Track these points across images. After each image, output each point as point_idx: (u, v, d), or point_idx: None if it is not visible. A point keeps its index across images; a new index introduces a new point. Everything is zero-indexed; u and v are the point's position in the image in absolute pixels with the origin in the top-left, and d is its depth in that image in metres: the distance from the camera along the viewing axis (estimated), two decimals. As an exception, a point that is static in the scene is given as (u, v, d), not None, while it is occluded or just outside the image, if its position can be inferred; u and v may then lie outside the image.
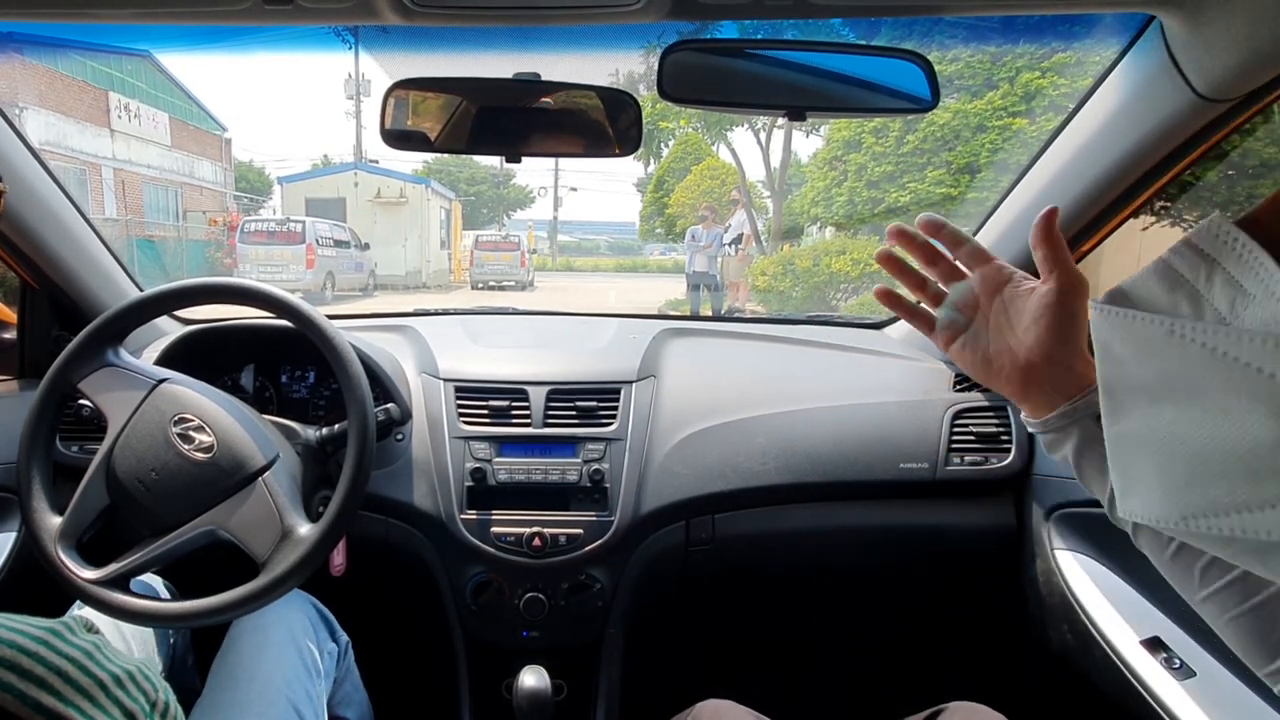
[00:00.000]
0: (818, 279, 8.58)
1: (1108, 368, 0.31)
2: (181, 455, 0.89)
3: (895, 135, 10.60)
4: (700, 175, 14.83)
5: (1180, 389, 0.27)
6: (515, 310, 1.71)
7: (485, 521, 1.12)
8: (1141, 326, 0.29)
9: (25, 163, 1.10)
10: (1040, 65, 9.65)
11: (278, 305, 0.96)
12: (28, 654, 0.47)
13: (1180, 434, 0.27)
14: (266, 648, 0.93)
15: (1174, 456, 0.28)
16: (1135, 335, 0.29)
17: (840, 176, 11.39)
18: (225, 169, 17.81)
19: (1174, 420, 0.28)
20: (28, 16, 0.83)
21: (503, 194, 27.66)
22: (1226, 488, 0.26)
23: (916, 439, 1.20)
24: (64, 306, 1.25)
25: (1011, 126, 9.71)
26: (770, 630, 1.51)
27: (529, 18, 0.77)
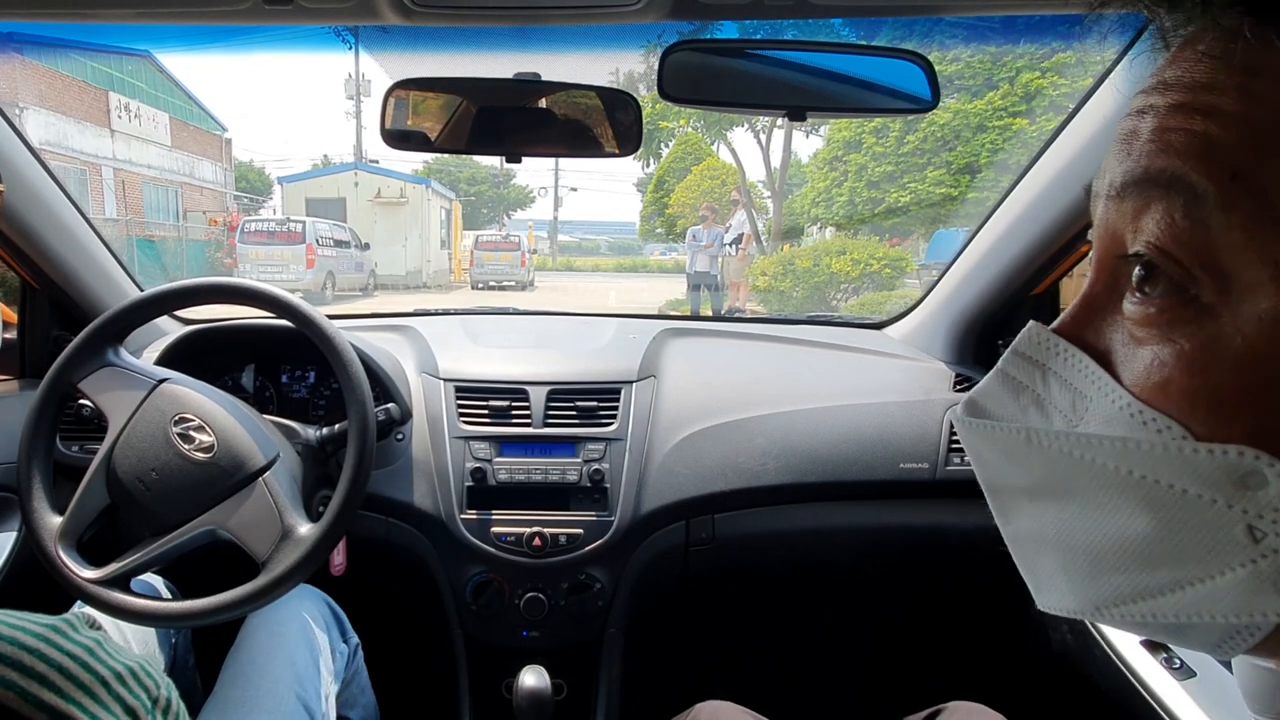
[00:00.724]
0: (818, 279, 8.58)
1: (983, 471, 0.32)
2: (182, 455, 0.89)
3: (895, 135, 10.61)
4: (700, 175, 14.84)
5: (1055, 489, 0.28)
6: (515, 310, 1.71)
7: (485, 521, 1.12)
8: (1001, 435, 0.30)
9: (25, 163, 1.10)
10: (1040, 65, 9.65)
11: (278, 305, 0.96)
12: (29, 650, 0.47)
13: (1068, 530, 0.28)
14: (280, 645, 0.93)
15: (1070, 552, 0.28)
16: (998, 443, 0.30)
17: (840, 177, 11.40)
18: (225, 169, 17.82)
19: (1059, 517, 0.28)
20: (28, 16, 0.83)
21: (503, 194, 27.67)
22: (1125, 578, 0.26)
23: (917, 439, 1.20)
24: (64, 306, 1.25)
25: (1012, 126, 9.72)
26: (770, 630, 1.51)
27: (529, 18, 0.77)
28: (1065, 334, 0.29)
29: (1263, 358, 0.23)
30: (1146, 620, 0.27)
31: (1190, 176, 0.24)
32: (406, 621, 1.41)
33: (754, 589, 1.41)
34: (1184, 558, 0.25)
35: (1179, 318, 0.25)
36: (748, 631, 1.51)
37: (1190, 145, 0.24)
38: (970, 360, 1.35)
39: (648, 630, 1.31)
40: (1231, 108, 0.24)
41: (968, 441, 0.32)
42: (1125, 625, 0.28)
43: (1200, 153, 0.24)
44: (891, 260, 8.52)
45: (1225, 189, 0.23)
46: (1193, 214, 0.24)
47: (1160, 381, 0.25)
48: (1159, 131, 0.26)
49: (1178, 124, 0.25)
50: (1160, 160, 0.25)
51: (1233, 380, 0.23)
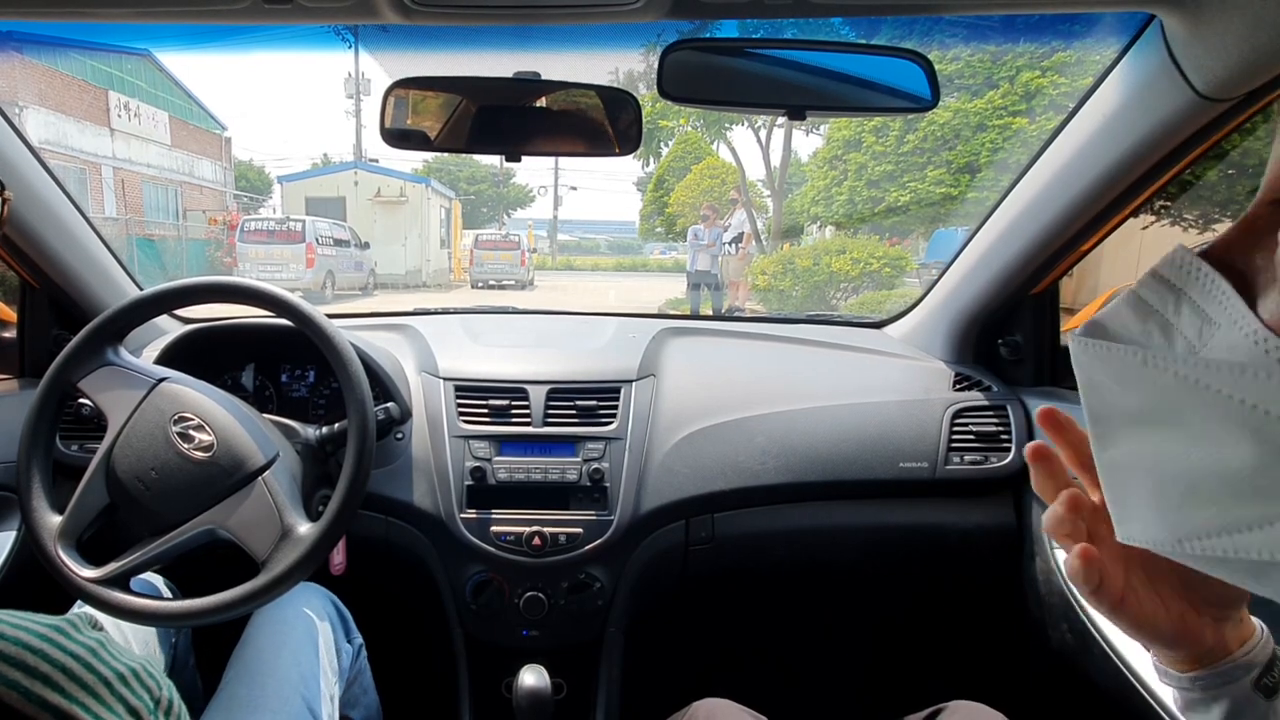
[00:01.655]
0: (818, 278, 8.58)
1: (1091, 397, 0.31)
2: (181, 454, 0.89)
3: (895, 134, 10.60)
4: (700, 174, 14.83)
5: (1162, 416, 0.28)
6: (515, 309, 1.71)
7: (485, 521, 1.12)
8: (1118, 357, 0.29)
9: (25, 162, 1.10)
10: (1040, 64, 9.64)
11: (278, 304, 0.96)
12: (33, 651, 0.47)
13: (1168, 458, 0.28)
14: (286, 644, 0.93)
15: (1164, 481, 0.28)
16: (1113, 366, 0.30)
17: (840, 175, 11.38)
18: (225, 168, 17.81)
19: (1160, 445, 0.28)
20: (28, 16, 0.83)
21: (503, 193, 27.65)
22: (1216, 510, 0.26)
23: (916, 438, 1.20)
24: (64, 306, 1.25)
25: (1012, 126, 9.71)
26: (770, 629, 1.51)
27: (529, 17, 0.77)
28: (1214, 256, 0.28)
29: None
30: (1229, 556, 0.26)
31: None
32: (406, 621, 1.41)
33: (754, 588, 1.41)
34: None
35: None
36: (747, 631, 1.51)
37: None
38: (970, 359, 1.35)
39: (648, 630, 1.31)
40: None
41: (1080, 363, 0.32)
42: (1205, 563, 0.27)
43: None
44: (891, 259, 8.51)
45: None
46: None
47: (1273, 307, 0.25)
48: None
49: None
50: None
51: None
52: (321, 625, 0.99)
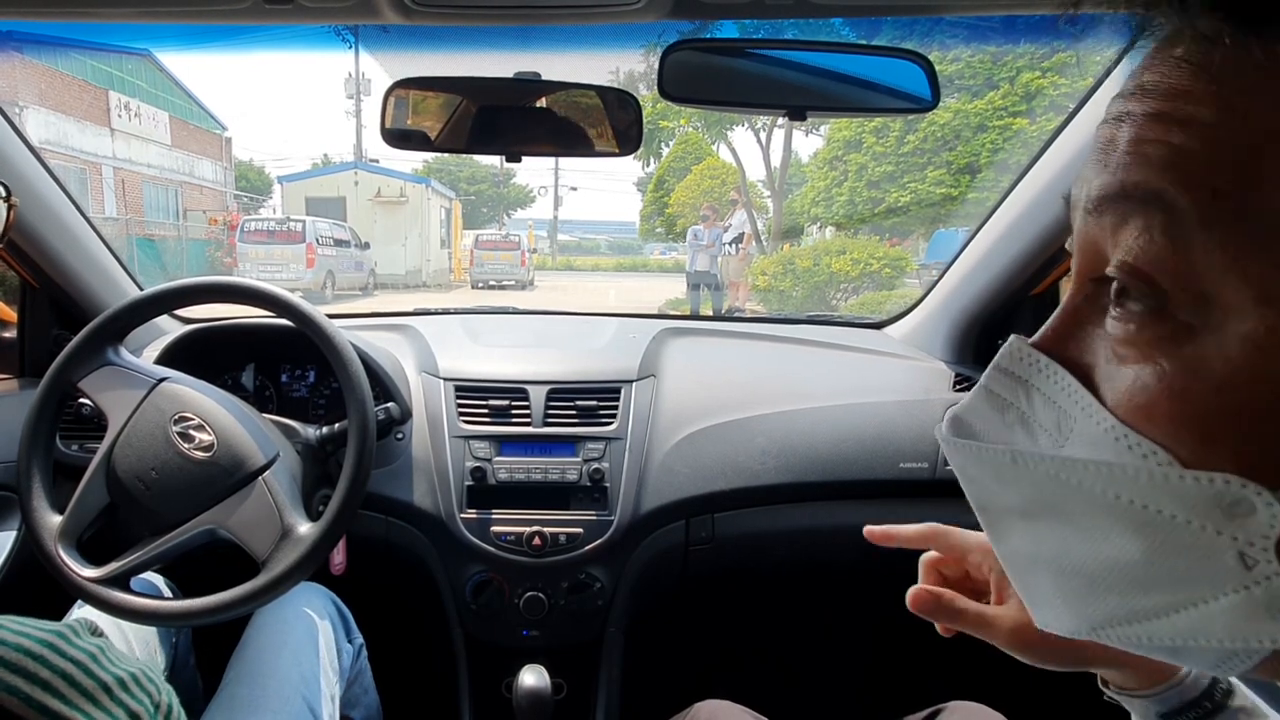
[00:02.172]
0: (818, 279, 8.58)
1: (973, 490, 0.31)
2: (181, 454, 0.89)
3: (896, 135, 10.61)
4: (700, 175, 14.85)
5: (1046, 511, 0.28)
6: (515, 310, 1.71)
7: (485, 521, 1.12)
8: (989, 457, 0.29)
9: (25, 162, 1.10)
10: (1041, 65, 9.66)
11: (278, 304, 0.96)
12: (33, 657, 0.47)
13: (1062, 551, 0.27)
14: (287, 644, 0.93)
15: (1064, 572, 0.28)
16: (986, 465, 0.29)
17: (840, 176, 11.40)
18: (225, 168, 17.82)
19: (1051, 538, 0.28)
20: (28, 15, 0.83)
21: (503, 193, 27.67)
22: (1121, 600, 0.26)
23: (916, 438, 1.20)
24: (64, 306, 1.25)
25: (1012, 126, 9.72)
26: (770, 629, 1.51)
27: (529, 17, 0.77)
28: (1047, 348, 0.28)
29: (1246, 381, 0.22)
30: (1143, 642, 0.26)
31: (1169, 193, 0.23)
32: (406, 621, 1.41)
33: (754, 589, 1.41)
34: (1177, 582, 0.24)
35: (1159, 336, 0.24)
36: (748, 631, 1.51)
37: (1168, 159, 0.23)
38: (970, 360, 1.35)
39: (648, 630, 1.31)
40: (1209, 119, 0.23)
41: (954, 461, 0.31)
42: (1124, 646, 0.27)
43: (1179, 167, 0.23)
44: (891, 260, 8.52)
45: (1205, 207, 0.22)
46: (1171, 232, 0.23)
47: (1143, 404, 0.24)
48: (1136, 143, 0.25)
49: (1155, 135, 0.24)
50: (1137, 174, 0.24)
51: (1217, 404, 0.23)
52: (322, 625, 0.99)
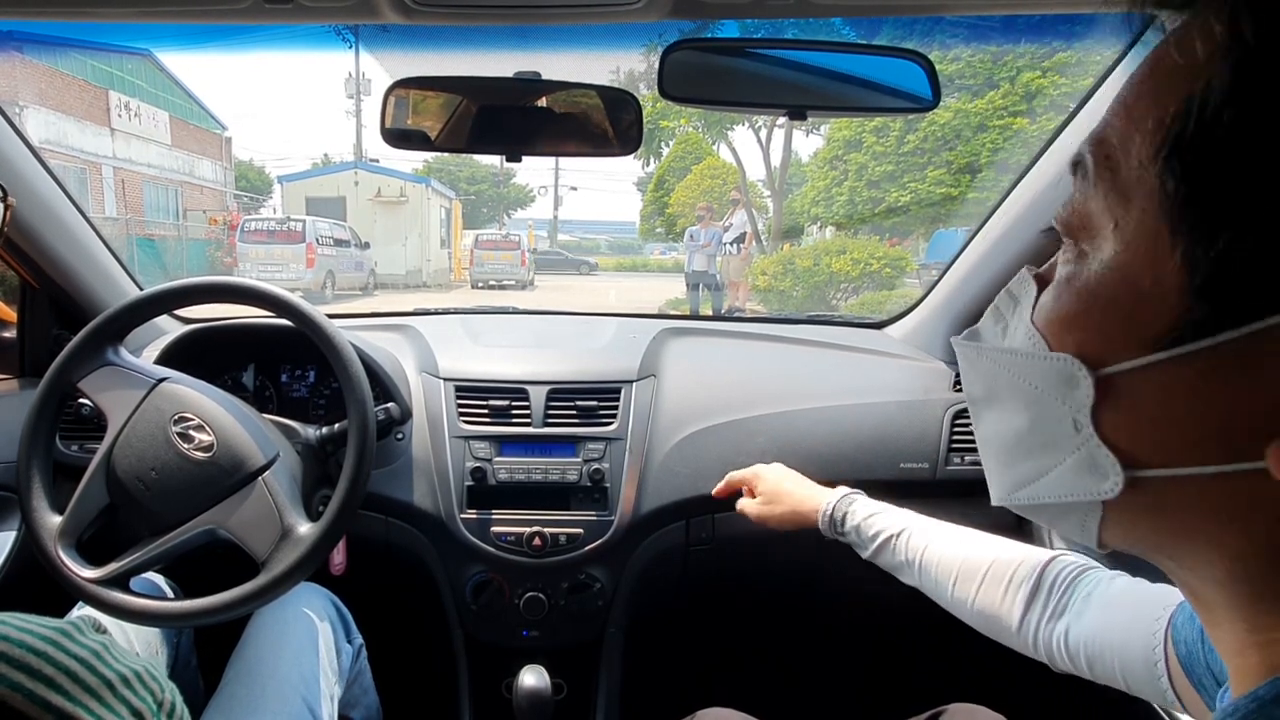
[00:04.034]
0: (818, 278, 8.58)
1: (966, 385, 0.39)
2: (181, 454, 0.89)
3: (896, 135, 10.60)
4: (700, 174, 14.85)
5: (991, 396, 0.36)
6: (515, 310, 1.71)
7: (485, 521, 1.12)
8: (965, 352, 0.37)
9: (25, 162, 1.10)
10: (1041, 65, 9.65)
11: (278, 304, 0.96)
12: (37, 653, 0.47)
13: (998, 430, 0.35)
14: (286, 644, 0.93)
15: (998, 449, 0.36)
16: (966, 360, 0.38)
17: (841, 176, 11.40)
18: (225, 168, 17.82)
19: (994, 420, 0.36)
20: (28, 15, 0.83)
21: (503, 193, 27.67)
22: (1021, 466, 0.34)
23: (917, 438, 1.20)
24: (64, 305, 1.25)
25: (1012, 126, 9.71)
26: (770, 630, 1.51)
27: (529, 16, 0.77)
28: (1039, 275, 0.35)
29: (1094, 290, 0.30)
30: (1035, 502, 0.34)
31: (1085, 158, 0.31)
32: (406, 621, 1.41)
33: (754, 589, 1.41)
34: (1046, 447, 0.32)
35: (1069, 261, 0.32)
36: (748, 631, 1.51)
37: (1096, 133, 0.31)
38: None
39: (648, 630, 1.31)
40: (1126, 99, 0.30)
41: (960, 360, 0.39)
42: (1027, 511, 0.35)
43: (1097, 138, 0.31)
44: (891, 260, 8.52)
45: (1100, 167, 0.30)
46: (1081, 186, 0.32)
47: (1043, 306, 0.33)
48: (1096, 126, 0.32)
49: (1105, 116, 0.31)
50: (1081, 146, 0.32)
51: (1073, 306, 0.31)
52: (321, 626, 0.99)
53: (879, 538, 0.86)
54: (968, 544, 0.78)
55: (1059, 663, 0.66)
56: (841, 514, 0.90)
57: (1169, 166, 0.26)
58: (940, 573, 0.78)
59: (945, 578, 0.77)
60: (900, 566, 0.84)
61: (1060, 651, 0.65)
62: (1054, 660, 0.66)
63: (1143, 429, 0.29)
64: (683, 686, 1.45)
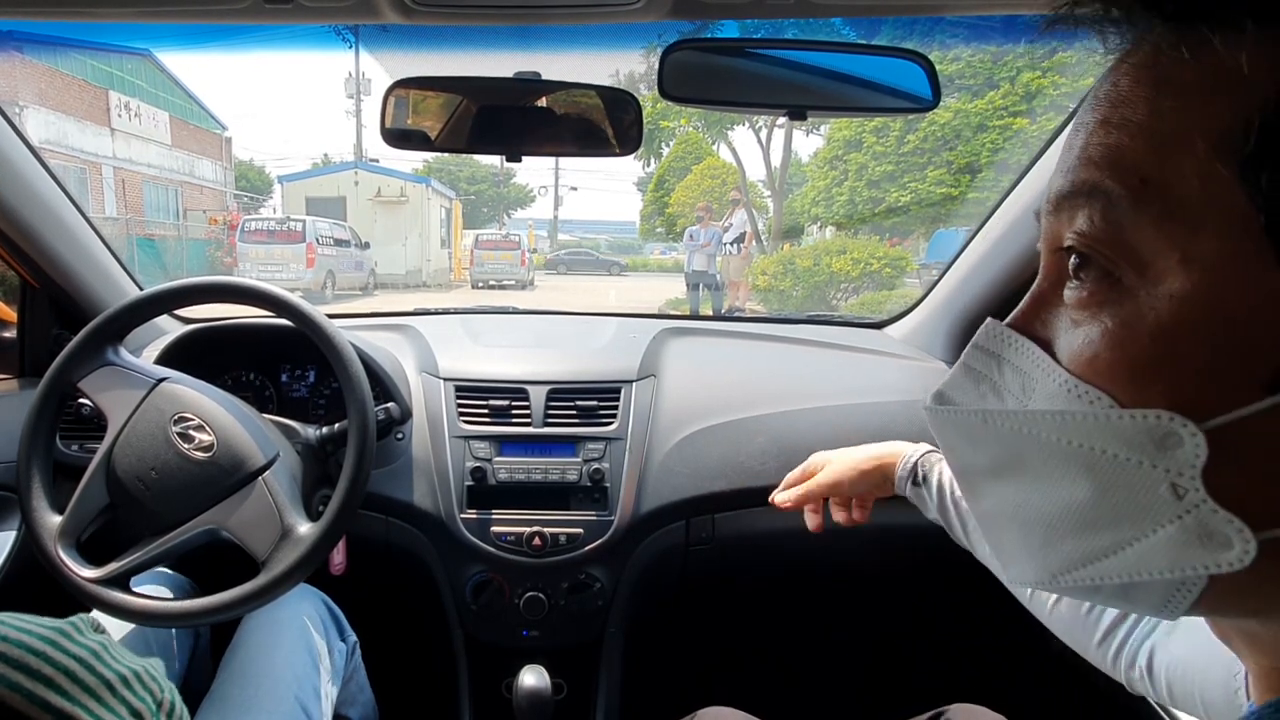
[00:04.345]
0: (818, 278, 8.58)
1: (952, 456, 0.35)
2: (181, 454, 0.89)
3: (896, 135, 10.61)
4: (700, 174, 14.85)
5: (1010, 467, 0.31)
6: (515, 309, 1.71)
7: (485, 521, 1.12)
8: (963, 420, 0.33)
9: (25, 162, 1.10)
10: (1041, 65, 9.65)
11: (278, 304, 0.96)
12: (36, 653, 0.47)
13: (1024, 504, 0.31)
14: (278, 644, 0.93)
15: (1027, 524, 0.31)
16: (960, 428, 0.34)
17: (841, 176, 11.40)
18: (225, 168, 17.82)
19: (1015, 493, 0.32)
20: (28, 15, 0.83)
21: (503, 193, 27.67)
22: (1075, 544, 0.29)
23: (917, 438, 1.19)
24: (64, 305, 1.25)
25: (1012, 126, 9.72)
26: (770, 630, 1.51)
27: (529, 17, 0.77)
28: (1017, 327, 0.32)
29: (1172, 330, 0.26)
30: (1097, 583, 0.29)
31: (1105, 184, 0.27)
32: (406, 621, 1.41)
33: (754, 589, 1.41)
34: (1121, 519, 0.27)
35: (1106, 299, 0.28)
36: (748, 631, 1.51)
37: (1106, 157, 0.28)
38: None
39: (648, 630, 1.31)
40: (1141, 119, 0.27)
41: (935, 428, 0.36)
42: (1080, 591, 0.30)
43: (1114, 163, 0.27)
44: (891, 260, 8.52)
45: (1137, 192, 0.27)
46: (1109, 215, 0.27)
47: (1090, 357, 0.28)
48: (1085, 148, 0.29)
49: (1099, 140, 0.28)
50: (1084, 174, 0.29)
51: (1150, 352, 0.26)
52: (314, 625, 0.99)
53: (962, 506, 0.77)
54: None
55: (1136, 685, 0.62)
56: (925, 469, 0.83)
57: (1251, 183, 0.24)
58: None
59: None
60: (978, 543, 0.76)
61: (1140, 673, 0.60)
62: (1131, 682, 0.62)
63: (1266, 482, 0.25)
64: (683, 686, 1.45)
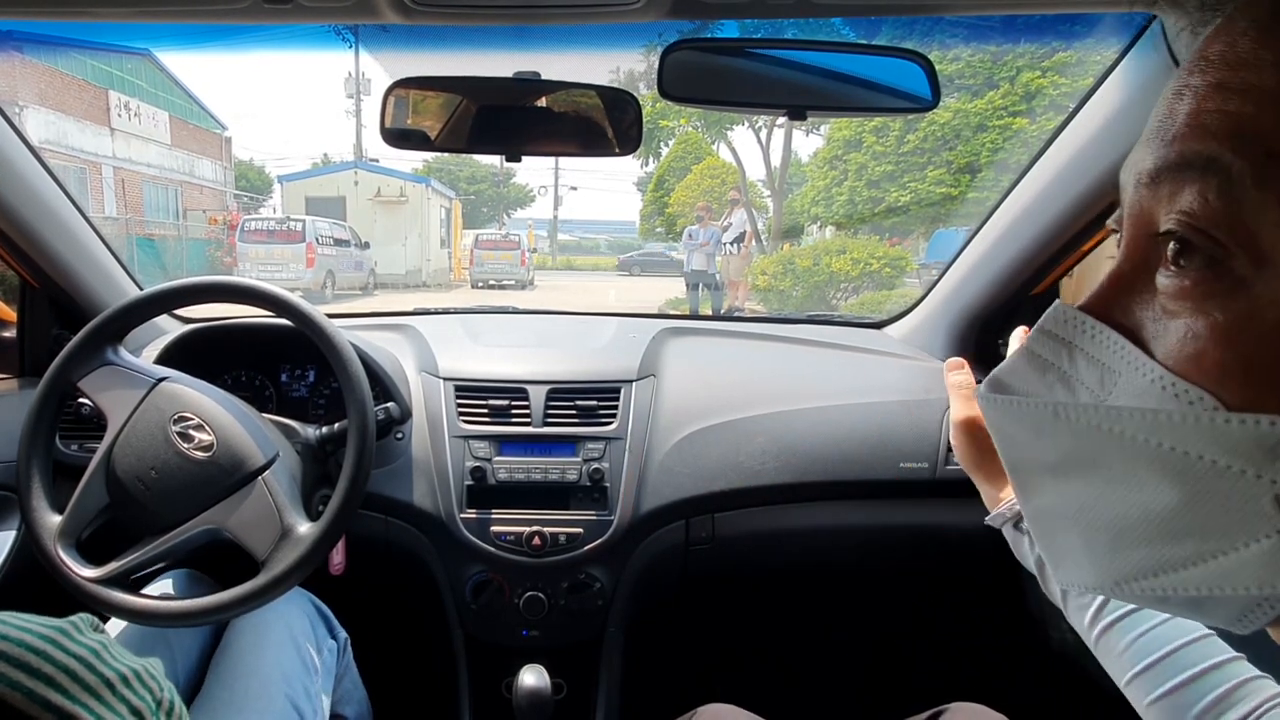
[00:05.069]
0: (818, 278, 8.58)
1: (1008, 450, 0.33)
2: (181, 454, 0.89)
3: (896, 134, 10.61)
4: (700, 174, 14.85)
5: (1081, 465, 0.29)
6: (515, 309, 1.71)
7: (485, 520, 1.12)
8: (1030, 411, 0.30)
9: (25, 161, 1.10)
10: (1041, 65, 9.65)
11: (278, 304, 0.96)
12: (36, 652, 0.47)
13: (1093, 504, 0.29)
14: (265, 645, 0.93)
15: (1091, 527, 0.29)
16: (1024, 419, 0.31)
17: (840, 176, 11.40)
18: (225, 167, 17.82)
19: (1083, 492, 0.29)
20: (28, 15, 0.83)
21: (503, 193, 27.67)
22: (1147, 551, 0.27)
23: (916, 438, 1.20)
24: (64, 305, 1.25)
25: (1012, 126, 9.72)
26: (770, 630, 1.51)
27: (529, 16, 0.77)
28: (1093, 312, 0.29)
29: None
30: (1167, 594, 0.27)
31: (1225, 158, 0.24)
32: (406, 621, 1.41)
33: (754, 589, 1.41)
34: (1210, 530, 0.25)
35: (1213, 290, 0.25)
36: (748, 631, 1.51)
37: (1225, 126, 0.24)
38: (970, 360, 1.35)
39: (648, 630, 1.31)
40: (1268, 84, 0.23)
41: (991, 418, 0.33)
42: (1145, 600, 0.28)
43: (1234, 133, 0.24)
44: (891, 259, 8.52)
45: (1260, 167, 0.23)
46: (1227, 193, 0.24)
47: (1193, 353, 0.25)
48: (1195, 115, 0.25)
49: (1214, 106, 0.25)
50: (1195, 144, 0.25)
51: (1266, 351, 0.23)
52: (301, 624, 0.99)
53: None
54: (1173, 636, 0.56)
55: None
56: None
57: None
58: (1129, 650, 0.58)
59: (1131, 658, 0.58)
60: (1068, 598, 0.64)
61: None
62: None
63: None
64: (683, 686, 1.45)
